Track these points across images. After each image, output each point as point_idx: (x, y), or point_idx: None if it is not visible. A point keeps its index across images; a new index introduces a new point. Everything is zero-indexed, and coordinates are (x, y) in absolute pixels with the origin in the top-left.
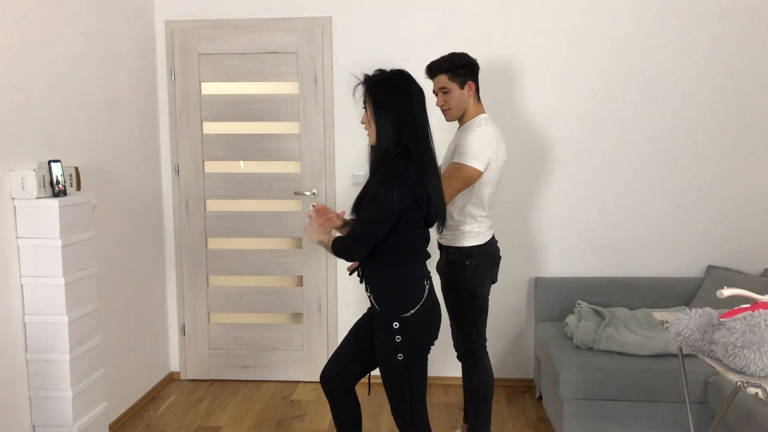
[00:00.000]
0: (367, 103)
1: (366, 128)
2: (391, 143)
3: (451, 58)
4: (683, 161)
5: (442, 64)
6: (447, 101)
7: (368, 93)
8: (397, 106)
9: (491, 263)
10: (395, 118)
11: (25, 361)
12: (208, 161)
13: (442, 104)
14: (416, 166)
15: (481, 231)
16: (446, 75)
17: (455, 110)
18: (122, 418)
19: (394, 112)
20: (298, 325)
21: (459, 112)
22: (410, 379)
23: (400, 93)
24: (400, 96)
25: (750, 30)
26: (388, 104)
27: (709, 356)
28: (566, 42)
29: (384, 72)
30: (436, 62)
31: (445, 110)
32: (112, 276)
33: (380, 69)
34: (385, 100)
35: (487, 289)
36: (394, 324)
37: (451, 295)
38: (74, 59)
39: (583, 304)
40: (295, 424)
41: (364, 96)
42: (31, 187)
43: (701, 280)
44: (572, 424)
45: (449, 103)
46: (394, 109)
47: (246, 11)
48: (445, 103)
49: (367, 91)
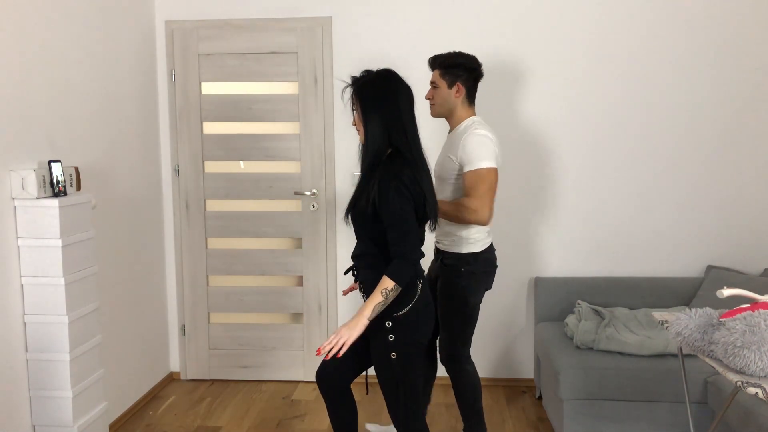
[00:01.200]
0: (356, 105)
1: (357, 130)
2: (381, 143)
3: (450, 56)
4: (683, 161)
5: (438, 59)
6: (434, 96)
7: (356, 94)
8: (385, 106)
9: (487, 271)
10: (383, 117)
11: (25, 361)
12: (208, 161)
13: (429, 97)
14: (410, 166)
15: (479, 238)
16: (439, 71)
17: (438, 107)
18: (122, 418)
19: (381, 111)
20: (298, 325)
21: (442, 109)
22: (404, 378)
23: (388, 93)
24: (387, 96)
25: (750, 31)
26: (376, 104)
27: (709, 356)
28: (564, 42)
29: (371, 72)
30: (436, 56)
31: (431, 104)
32: (112, 276)
33: (367, 70)
34: (372, 101)
35: (480, 297)
36: (386, 323)
37: (443, 300)
38: (74, 59)
39: (583, 304)
40: (295, 424)
41: (352, 98)
42: (31, 187)
43: (701, 280)
44: (572, 424)
45: (435, 98)
46: (382, 109)
47: (246, 11)
48: (432, 97)
49: (354, 92)
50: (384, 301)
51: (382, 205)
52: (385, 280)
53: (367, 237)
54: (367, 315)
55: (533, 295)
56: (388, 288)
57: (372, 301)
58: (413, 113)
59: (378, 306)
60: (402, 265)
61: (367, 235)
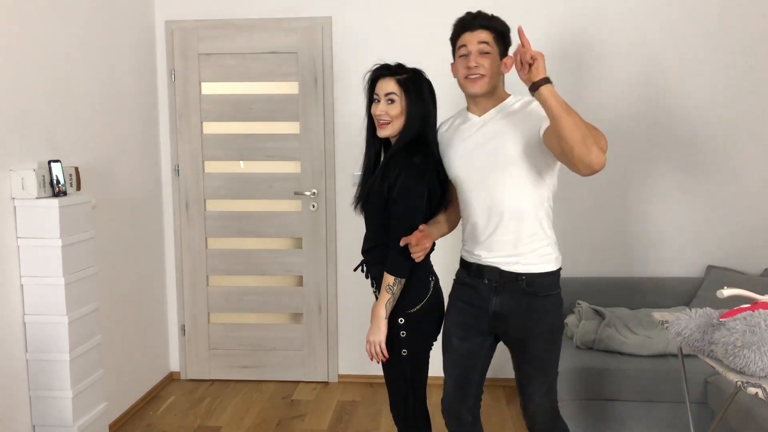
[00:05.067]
0: (401, 96)
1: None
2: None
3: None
4: (683, 161)
5: (486, 17)
6: (483, 65)
7: (402, 87)
8: (426, 102)
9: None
10: (424, 113)
11: (25, 361)
12: (208, 161)
13: (474, 66)
14: (430, 156)
15: (555, 251)
16: (492, 33)
17: (490, 79)
18: (122, 418)
19: (427, 108)
20: (298, 325)
21: (491, 84)
22: (413, 377)
23: (429, 91)
24: (428, 93)
25: (752, 28)
26: (424, 101)
27: (709, 356)
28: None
29: (413, 69)
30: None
31: (473, 78)
32: (112, 276)
33: (399, 63)
34: (421, 97)
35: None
36: (399, 320)
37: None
38: (74, 59)
39: (583, 304)
40: (295, 424)
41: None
42: (31, 187)
43: (701, 280)
44: (572, 424)
45: (487, 67)
46: (428, 106)
47: (246, 11)
48: (479, 66)
49: (401, 84)
50: (392, 297)
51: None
52: (386, 276)
53: (378, 225)
54: (382, 315)
55: None
56: (390, 284)
57: (381, 301)
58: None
59: (388, 303)
60: (397, 257)
61: (378, 223)
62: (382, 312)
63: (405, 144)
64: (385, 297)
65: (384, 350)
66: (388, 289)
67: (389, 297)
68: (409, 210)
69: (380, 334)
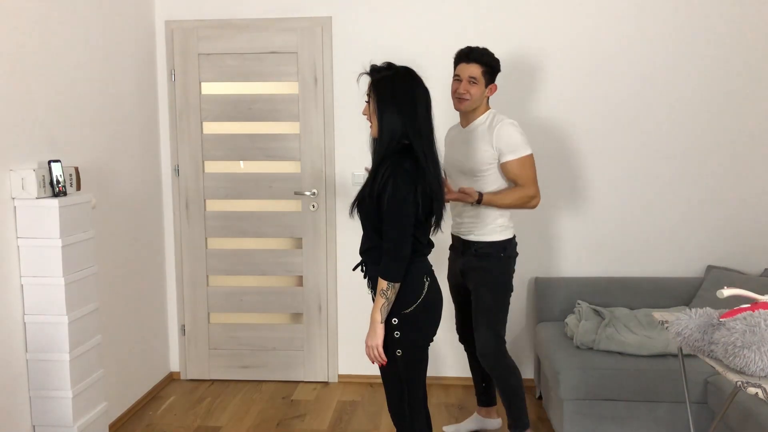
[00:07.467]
0: (371, 98)
1: (367, 119)
2: (392, 140)
3: (490, 53)
4: (683, 161)
5: (478, 53)
6: (470, 92)
7: (373, 88)
8: (401, 107)
9: (516, 255)
10: (398, 117)
11: (25, 361)
12: (208, 161)
13: (463, 92)
14: (420, 164)
15: (510, 225)
16: (481, 67)
17: (472, 103)
18: (122, 418)
19: (396, 111)
20: (298, 325)
21: (473, 106)
22: (408, 376)
23: (406, 94)
24: (404, 97)
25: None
26: (392, 103)
27: (709, 356)
28: (558, 43)
29: (392, 68)
30: (473, 49)
31: (464, 99)
32: (112, 276)
33: (389, 63)
34: (389, 99)
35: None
36: (393, 320)
37: (480, 290)
38: (74, 59)
39: (583, 304)
40: (295, 424)
41: (369, 89)
42: (31, 187)
43: (701, 280)
44: (572, 424)
45: (472, 94)
46: (397, 109)
47: (246, 11)
48: (466, 92)
49: (372, 85)
50: (386, 301)
51: (384, 198)
52: (380, 281)
53: (371, 229)
54: (378, 319)
55: (533, 295)
56: (383, 288)
57: (377, 306)
58: (430, 114)
59: (384, 307)
60: (389, 263)
61: (371, 227)
62: (377, 316)
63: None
64: (380, 301)
65: (381, 354)
66: (382, 294)
67: (384, 302)
68: (399, 214)
69: (377, 338)
